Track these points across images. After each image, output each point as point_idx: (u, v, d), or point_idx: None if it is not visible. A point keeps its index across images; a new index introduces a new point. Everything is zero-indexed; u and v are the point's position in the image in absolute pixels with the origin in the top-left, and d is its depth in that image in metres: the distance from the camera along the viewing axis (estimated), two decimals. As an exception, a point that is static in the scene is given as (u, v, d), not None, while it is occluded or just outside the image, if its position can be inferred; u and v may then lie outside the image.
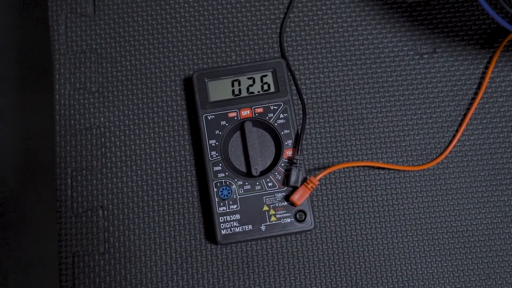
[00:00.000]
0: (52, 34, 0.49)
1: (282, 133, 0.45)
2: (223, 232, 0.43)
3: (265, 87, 0.46)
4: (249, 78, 0.46)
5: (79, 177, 0.47)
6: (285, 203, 0.44)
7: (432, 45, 0.49)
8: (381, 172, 0.47)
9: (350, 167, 0.47)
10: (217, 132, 0.45)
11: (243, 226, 0.43)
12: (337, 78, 0.48)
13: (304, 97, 0.48)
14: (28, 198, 1.07)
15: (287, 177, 0.44)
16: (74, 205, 0.46)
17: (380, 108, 0.48)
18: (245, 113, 0.45)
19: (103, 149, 0.47)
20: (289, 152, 0.45)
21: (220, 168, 0.44)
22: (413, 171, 0.46)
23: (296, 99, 0.48)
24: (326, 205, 0.46)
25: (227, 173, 0.44)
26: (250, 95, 0.46)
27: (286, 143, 0.45)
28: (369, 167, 0.47)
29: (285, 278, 0.45)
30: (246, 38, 0.49)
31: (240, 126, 0.45)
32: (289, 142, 0.45)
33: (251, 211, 0.44)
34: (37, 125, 1.09)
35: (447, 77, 0.48)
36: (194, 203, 0.46)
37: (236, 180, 0.44)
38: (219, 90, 0.46)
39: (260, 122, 0.45)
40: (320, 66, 0.49)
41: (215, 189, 0.44)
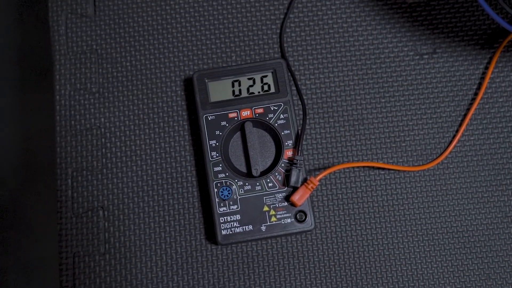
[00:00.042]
0: (53, 34, 0.49)
1: (282, 133, 0.45)
2: (224, 232, 0.43)
3: (265, 87, 0.46)
4: (250, 79, 0.46)
5: (79, 178, 0.47)
6: (286, 204, 0.44)
7: (432, 45, 0.49)
8: (381, 172, 0.47)
9: (350, 168, 0.47)
10: (217, 132, 0.45)
11: (244, 227, 0.43)
12: (337, 78, 0.48)
13: (304, 98, 0.48)
14: (28, 198, 1.07)
15: (287, 177, 0.44)
16: (75, 205, 0.46)
17: (380, 109, 0.48)
18: (246, 113, 0.45)
19: (103, 150, 0.47)
20: (289, 153, 0.45)
21: (221, 168, 0.44)
22: (413, 171, 0.46)
23: (296, 100, 0.48)
24: (327, 205, 0.46)
25: (227, 174, 0.44)
26: (250, 95, 0.46)
27: (286, 144, 0.45)
28: (369, 167, 0.47)
29: (286, 279, 0.45)
30: (246, 39, 0.49)
31: (241, 126, 0.45)
32: (289, 142, 0.45)
33: (252, 211, 0.44)
34: (37, 125, 1.09)
35: (447, 77, 0.48)
36: (194, 204, 0.46)
37: (236, 180, 0.44)
38: (220, 90, 0.46)
39: (260, 123, 0.45)
40: (320, 66, 0.49)
41: (216, 190, 0.44)
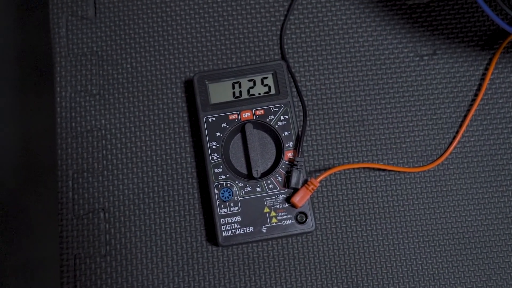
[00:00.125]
0: (53, 36, 0.49)
1: (283, 135, 0.45)
2: (224, 234, 0.43)
3: (266, 89, 0.46)
4: (250, 80, 0.46)
5: (80, 180, 0.47)
6: (286, 205, 0.44)
7: (432, 47, 0.49)
8: (382, 173, 0.47)
9: (351, 169, 0.47)
10: (218, 134, 0.45)
11: (244, 228, 0.43)
12: (338, 80, 0.48)
13: (305, 99, 0.48)
14: (28, 198, 1.07)
15: (288, 179, 0.44)
16: (76, 207, 0.46)
17: (380, 110, 0.48)
18: (246, 115, 0.45)
19: (104, 151, 0.47)
20: (289, 154, 0.45)
21: (221, 170, 0.44)
22: (414, 172, 0.46)
23: (297, 101, 0.48)
24: (327, 206, 0.46)
25: (228, 175, 0.44)
26: (250, 97, 0.46)
27: (286, 145, 0.45)
28: (370, 168, 0.47)
29: (286, 280, 0.45)
30: (246, 40, 0.49)
31: (241, 128, 0.45)
32: (290, 144, 0.45)
33: (252, 213, 0.44)
34: (37, 126, 1.09)
35: (447, 78, 0.48)
36: (195, 205, 0.46)
37: (237, 182, 0.44)
38: (220, 92, 0.46)
39: (260, 124, 0.45)
40: (320, 68, 0.49)
41: (216, 191, 0.44)
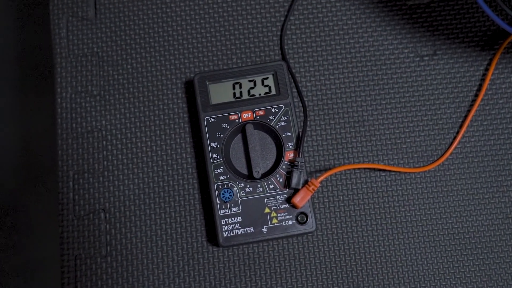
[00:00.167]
0: (54, 37, 0.49)
1: (283, 135, 0.45)
2: (225, 234, 0.43)
3: (266, 89, 0.46)
4: (250, 81, 0.46)
5: (81, 180, 0.47)
6: (287, 205, 0.44)
7: (433, 47, 0.49)
8: (382, 174, 0.47)
9: (351, 169, 0.47)
10: (218, 134, 0.45)
11: (245, 229, 0.43)
12: (338, 80, 0.48)
13: (305, 99, 0.48)
14: (28, 199, 1.07)
15: (288, 179, 0.44)
16: (76, 208, 0.46)
17: (381, 110, 0.48)
18: (246, 115, 0.45)
19: (104, 152, 0.47)
20: (290, 155, 0.45)
21: (222, 170, 0.44)
22: (414, 173, 0.46)
23: (297, 102, 0.48)
24: (328, 207, 0.46)
25: (228, 176, 0.44)
26: (251, 97, 0.46)
27: (287, 146, 0.45)
28: (370, 169, 0.47)
29: (287, 280, 0.45)
30: (247, 41, 0.49)
31: (242, 128, 0.45)
32: (290, 144, 0.45)
33: (253, 213, 0.44)
34: (38, 126, 1.09)
35: (448, 79, 0.48)
36: (195, 206, 0.46)
37: (237, 182, 0.44)
38: (220, 92, 0.46)
39: (261, 125, 0.45)
40: (321, 68, 0.49)
41: (217, 192, 0.44)
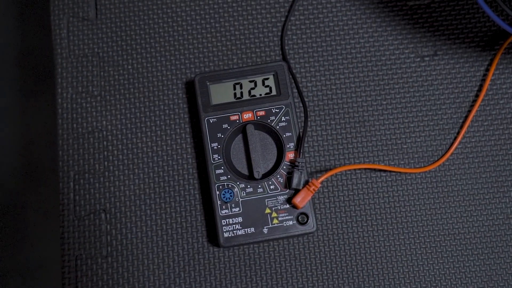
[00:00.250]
0: (54, 38, 0.49)
1: (284, 135, 0.45)
2: (226, 235, 0.43)
3: (267, 90, 0.46)
4: (251, 81, 0.46)
5: (81, 181, 0.47)
6: (287, 206, 0.44)
7: (433, 47, 0.49)
8: (383, 174, 0.47)
9: (352, 170, 0.47)
10: (219, 135, 0.45)
11: (246, 229, 0.43)
12: (339, 80, 0.48)
13: (306, 100, 0.48)
14: (29, 200, 1.07)
15: (289, 179, 0.44)
16: (77, 208, 0.46)
17: (381, 111, 0.48)
18: (247, 116, 0.45)
19: (105, 153, 0.47)
20: (291, 155, 0.45)
21: (222, 171, 0.44)
22: (415, 173, 0.46)
23: (298, 102, 0.48)
24: (328, 207, 0.46)
25: (229, 176, 0.44)
26: (252, 98, 0.46)
27: (288, 146, 0.45)
28: (371, 169, 0.47)
29: (288, 281, 0.45)
30: (247, 41, 0.49)
31: (242, 129, 0.45)
32: (291, 144, 0.45)
33: (253, 213, 0.44)
34: (38, 126, 1.09)
35: (448, 79, 0.48)
36: (196, 206, 0.46)
37: (238, 183, 0.44)
38: (221, 93, 0.46)
39: (262, 125, 0.45)
40: (321, 69, 0.49)
41: (217, 192, 0.44)
